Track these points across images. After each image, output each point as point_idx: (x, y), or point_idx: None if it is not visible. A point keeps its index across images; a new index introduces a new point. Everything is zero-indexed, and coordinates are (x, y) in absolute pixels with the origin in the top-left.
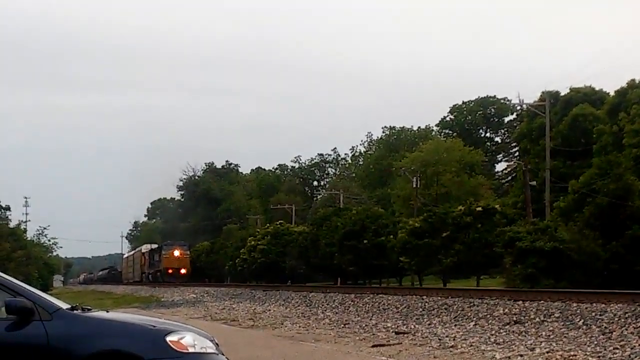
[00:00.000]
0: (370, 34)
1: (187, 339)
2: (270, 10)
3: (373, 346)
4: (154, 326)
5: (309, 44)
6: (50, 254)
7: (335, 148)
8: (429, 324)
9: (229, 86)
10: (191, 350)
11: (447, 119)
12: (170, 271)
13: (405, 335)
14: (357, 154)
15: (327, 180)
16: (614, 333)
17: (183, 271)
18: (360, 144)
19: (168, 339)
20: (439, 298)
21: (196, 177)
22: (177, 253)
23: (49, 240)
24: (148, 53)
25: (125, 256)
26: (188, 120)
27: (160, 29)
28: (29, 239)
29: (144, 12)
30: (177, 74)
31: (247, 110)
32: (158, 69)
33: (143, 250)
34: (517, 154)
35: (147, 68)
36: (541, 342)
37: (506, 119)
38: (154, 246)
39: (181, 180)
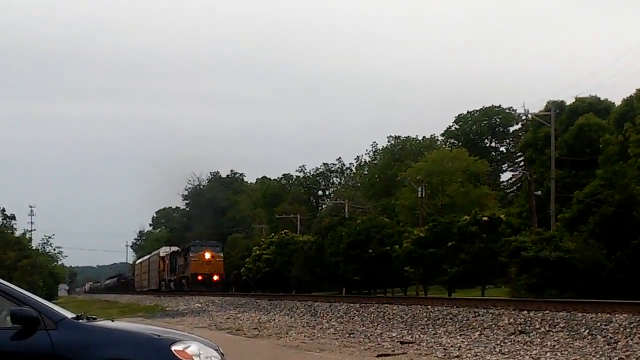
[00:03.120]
0: (375, 43)
1: (192, 349)
2: (275, 19)
3: (378, 356)
4: (159, 335)
5: (313, 53)
6: (55, 263)
7: (340, 157)
8: (434, 334)
9: (233, 95)
10: (196, 359)
11: (452, 128)
12: (200, 278)
13: (410, 345)
14: (362, 163)
15: (332, 189)
16: (619, 343)
17: (216, 278)
18: (365, 154)
19: (173, 348)
20: (444, 308)
21: (201, 187)
22: (208, 255)
23: (54, 249)
24: (153, 63)
25: (138, 262)
26: (193, 129)
27: (165, 39)
28: (34, 248)
29: (147, 22)
30: (181, 83)
31: (251, 119)
32: (162, 79)
33: (161, 254)
34: (522, 163)
35: (152, 78)
36: (546, 352)
37: (511, 129)
38: (175, 249)
39: (186, 190)
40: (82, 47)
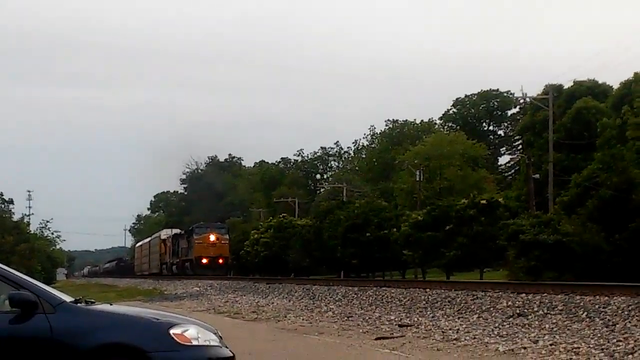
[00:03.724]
0: (372, 28)
1: (191, 332)
2: (273, 3)
3: (376, 339)
4: (158, 319)
5: (311, 37)
6: (53, 247)
7: (338, 141)
8: (433, 317)
9: (232, 80)
10: (195, 343)
11: (450, 112)
12: (204, 261)
13: (409, 327)
14: (360, 147)
15: (330, 173)
16: (617, 326)
17: (221, 261)
18: (363, 138)
19: (172, 331)
20: (443, 291)
21: (199, 171)
22: (213, 238)
23: (52, 234)
24: (151, 49)
25: (138, 245)
26: (191, 114)
27: (162, 26)
28: (32, 232)
29: (146, 9)
30: (179, 69)
31: (250, 103)
32: (160, 65)
33: (163, 236)
34: (520, 147)
35: (150, 64)
36: (544, 334)
37: (509, 112)
38: (177, 231)
39: (184, 174)
40: (81, 33)
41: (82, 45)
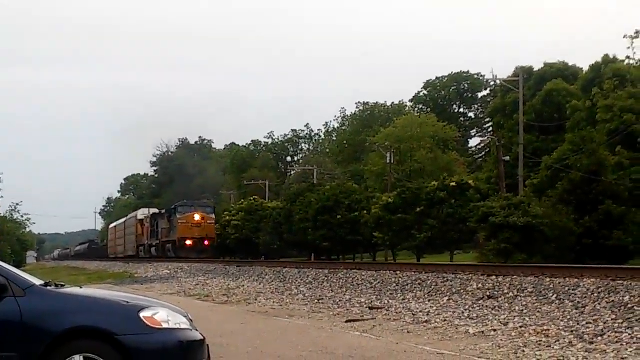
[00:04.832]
0: (342, 10)
1: (161, 315)
2: None
3: (347, 321)
4: (128, 302)
5: (282, 19)
6: (23, 230)
7: (308, 124)
8: (403, 299)
9: (202, 61)
10: (165, 326)
11: (421, 94)
12: (189, 242)
13: (379, 310)
14: (330, 129)
15: (301, 156)
16: (587, 308)
17: (207, 242)
18: (334, 120)
19: (142, 314)
20: (413, 273)
21: (170, 153)
22: (198, 217)
23: (22, 217)
24: (119, 29)
25: (112, 226)
26: (161, 96)
27: (134, 4)
28: (1, 215)
29: None
30: (150, 49)
31: (220, 85)
32: (131, 45)
33: (139, 217)
34: (490, 129)
35: (120, 44)
36: (514, 316)
37: (480, 95)
38: (155, 210)
39: (155, 156)
40: (50, 13)
41: (50, 23)
